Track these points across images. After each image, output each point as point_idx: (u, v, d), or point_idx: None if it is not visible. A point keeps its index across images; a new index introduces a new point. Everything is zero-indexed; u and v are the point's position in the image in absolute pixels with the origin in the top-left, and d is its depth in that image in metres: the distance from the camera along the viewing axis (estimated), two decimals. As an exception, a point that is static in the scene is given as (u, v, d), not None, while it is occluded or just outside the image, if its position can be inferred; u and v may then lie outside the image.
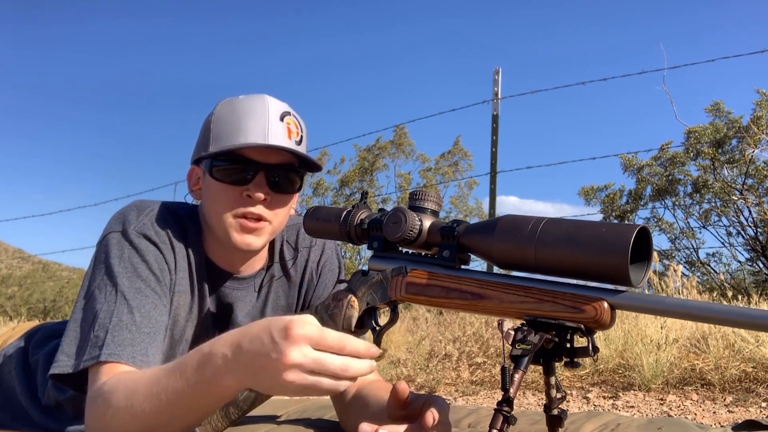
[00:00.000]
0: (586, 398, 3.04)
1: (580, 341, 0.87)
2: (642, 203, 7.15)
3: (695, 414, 2.65)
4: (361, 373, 0.87)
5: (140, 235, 1.22)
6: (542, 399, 2.96)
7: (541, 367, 0.89)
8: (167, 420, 0.98)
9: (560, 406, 0.91)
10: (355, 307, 1.09)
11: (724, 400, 2.81)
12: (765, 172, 6.11)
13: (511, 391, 0.81)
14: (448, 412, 1.01)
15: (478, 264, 4.30)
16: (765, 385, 2.89)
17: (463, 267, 1.00)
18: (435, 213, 1.04)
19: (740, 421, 1.44)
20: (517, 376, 0.82)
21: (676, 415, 2.67)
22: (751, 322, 0.76)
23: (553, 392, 0.90)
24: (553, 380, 0.90)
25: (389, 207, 1.30)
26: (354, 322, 1.09)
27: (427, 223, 1.02)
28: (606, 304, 0.83)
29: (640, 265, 0.85)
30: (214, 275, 1.32)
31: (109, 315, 1.14)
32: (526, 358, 0.83)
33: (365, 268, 1.10)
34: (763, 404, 2.70)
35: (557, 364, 0.89)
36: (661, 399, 2.91)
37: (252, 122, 1.23)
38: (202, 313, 1.32)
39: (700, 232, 6.86)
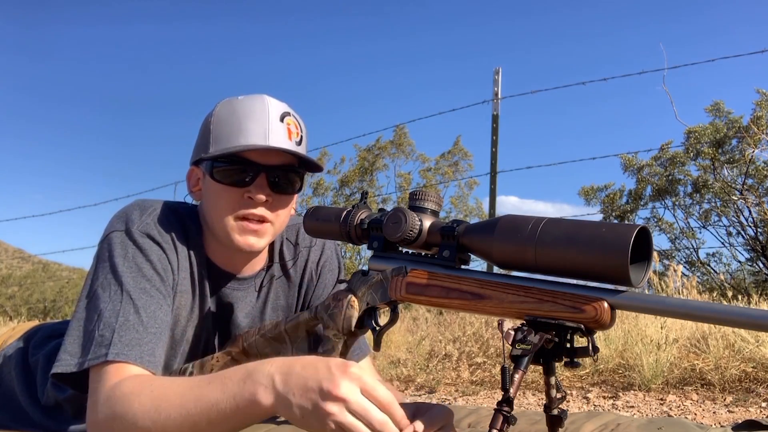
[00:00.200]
0: (586, 398, 3.04)
1: (580, 341, 0.87)
2: (642, 203, 7.15)
3: (695, 414, 2.65)
4: None
5: (144, 235, 1.22)
6: (542, 399, 2.96)
7: (541, 367, 0.89)
8: (189, 431, 0.97)
9: (560, 406, 0.91)
10: (355, 307, 1.09)
11: (724, 400, 2.81)
12: (765, 172, 6.11)
13: (511, 391, 0.81)
14: (452, 419, 1.00)
15: (478, 264, 4.30)
16: (765, 385, 2.90)
17: (463, 267, 1.01)
18: (435, 213, 1.04)
19: (740, 421, 1.44)
20: (517, 376, 0.82)
21: (676, 415, 2.67)
22: (751, 322, 0.76)
23: (553, 392, 0.90)
24: (553, 380, 0.90)
25: (389, 207, 1.31)
26: (354, 322, 1.09)
27: (427, 223, 1.02)
28: (606, 304, 0.84)
29: (640, 265, 0.85)
30: (214, 275, 1.33)
31: (115, 314, 1.13)
32: (526, 358, 0.83)
33: (365, 268, 1.10)
34: (763, 404, 2.70)
35: (557, 364, 0.89)
36: (661, 399, 2.92)
37: (252, 123, 1.23)
38: (203, 313, 1.32)
39: (700, 232, 6.87)
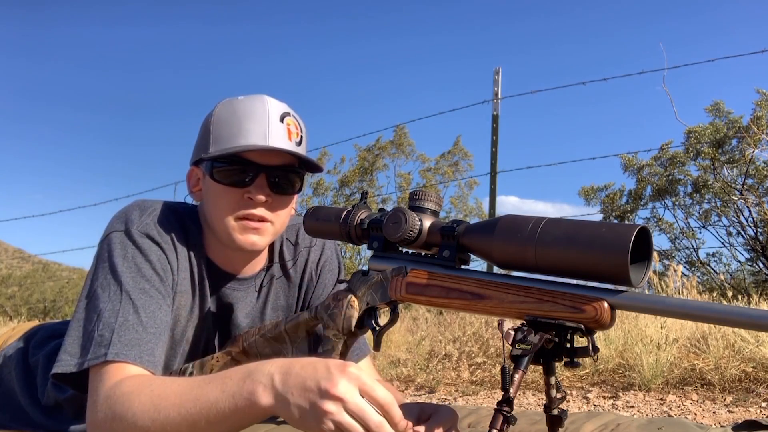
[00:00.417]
0: (586, 398, 3.04)
1: (580, 341, 0.87)
2: (642, 203, 7.15)
3: (695, 414, 2.65)
4: None
5: (143, 235, 1.22)
6: (542, 399, 2.96)
7: (541, 367, 0.89)
8: (188, 431, 0.98)
9: (560, 406, 0.91)
10: (355, 307, 1.09)
11: (724, 400, 2.81)
12: (765, 172, 6.11)
13: (511, 391, 0.81)
14: (456, 421, 1.01)
15: (478, 264, 4.30)
16: (765, 385, 2.90)
17: (463, 267, 1.01)
18: (435, 213, 1.04)
19: (740, 421, 1.44)
20: (517, 376, 0.82)
21: (676, 415, 2.67)
22: (751, 322, 0.76)
23: (553, 392, 0.90)
24: (553, 380, 0.90)
25: (389, 207, 1.31)
26: (354, 322, 1.09)
27: (427, 223, 1.02)
28: (606, 304, 0.84)
29: (640, 265, 0.85)
30: (214, 275, 1.33)
31: (115, 314, 1.14)
32: (526, 358, 0.83)
33: (365, 268, 1.10)
34: (763, 404, 2.70)
35: (557, 364, 0.89)
36: (661, 399, 2.91)
37: (252, 124, 1.23)
38: (202, 313, 1.32)
39: (700, 232, 6.87)
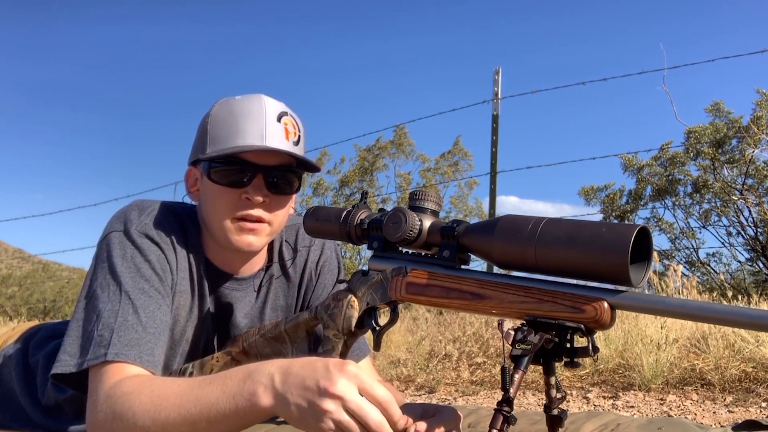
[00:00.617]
0: (586, 398, 3.04)
1: (580, 341, 0.87)
2: (642, 203, 7.15)
3: (695, 414, 2.65)
4: None
5: (142, 235, 1.22)
6: (542, 399, 2.96)
7: (541, 367, 0.89)
8: (189, 431, 0.97)
9: (560, 406, 0.91)
10: (355, 307, 1.09)
11: (724, 400, 2.81)
12: (765, 172, 6.11)
13: (511, 391, 0.81)
14: (459, 422, 1.01)
15: (478, 264, 4.29)
16: (765, 385, 2.89)
17: (463, 267, 1.01)
18: (435, 213, 1.04)
19: (740, 421, 1.44)
20: (517, 376, 0.82)
21: (676, 415, 2.67)
22: (751, 322, 0.76)
23: (553, 392, 0.90)
24: (553, 380, 0.90)
25: (389, 207, 1.31)
26: (354, 322, 1.09)
27: (427, 223, 1.02)
28: (606, 304, 0.84)
29: (640, 265, 0.85)
30: (213, 276, 1.32)
31: (114, 314, 1.13)
32: (526, 358, 0.83)
33: (365, 268, 1.10)
34: (763, 404, 2.70)
35: (557, 364, 0.89)
36: (661, 399, 2.91)
37: (249, 124, 1.23)
38: (202, 313, 1.32)
39: (700, 232, 6.87)
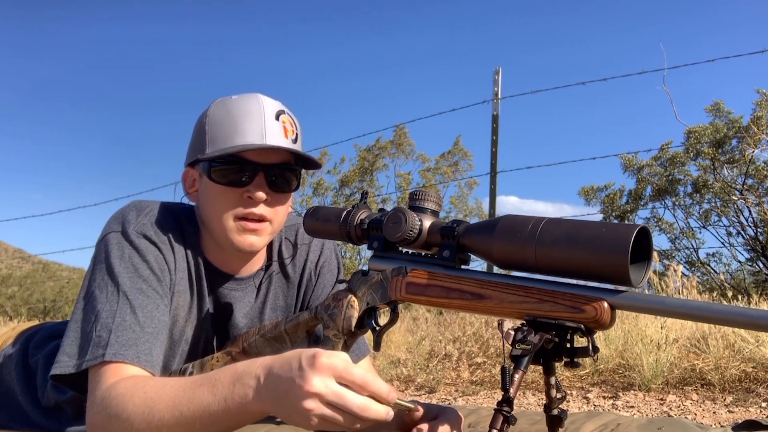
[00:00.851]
0: (586, 398, 3.04)
1: (580, 341, 0.87)
2: (642, 203, 7.14)
3: (695, 414, 2.65)
4: (379, 418, 0.87)
5: (140, 235, 1.22)
6: (542, 399, 2.96)
7: (541, 367, 0.89)
8: None
9: (560, 406, 0.91)
10: (355, 307, 1.09)
11: (724, 400, 2.81)
12: (765, 172, 6.10)
13: (511, 391, 0.81)
14: (460, 424, 1.01)
15: (478, 264, 4.29)
16: (765, 385, 2.89)
17: (463, 267, 1.01)
18: (435, 213, 1.04)
19: (740, 421, 1.44)
20: (517, 376, 0.82)
21: (676, 415, 2.67)
22: (751, 322, 0.76)
23: (553, 392, 0.90)
24: (553, 380, 0.90)
25: (389, 207, 1.31)
26: (354, 322, 1.09)
27: (427, 223, 1.02)
28: (606, 304, 0.84)
29: (640, 265, 0.85)
30: (212, 276, 1.32)
31: (112, 315, 1.13)
32: (526, 358, 0.83)
33: (365, 268, 1.10)
34: (763, 404, 2.70)
35: (557, 364, 0.89)
36: (661, 399, 2.91)
37: (248, 123, 1.23)
38: (201, 313, 1.32)
39: (700, 232, 6.86)
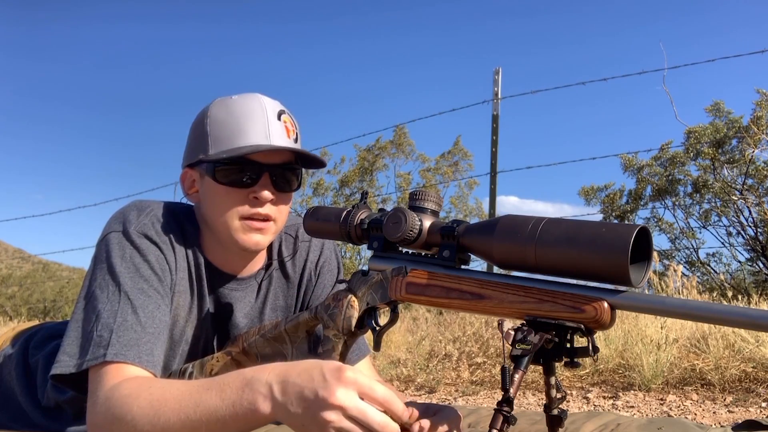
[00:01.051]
0: (586, 398, 3.04)
1: (580, 341, 0.87)
2: (642, 203, 7.14)
3: (695, 414, 2.65)
4: None
5: (141, 235, 1.22)
6: (542, 399, 2.96)
7: (541, 367, 0.89)
8: None
9: (560, 406, 0.91)
10: (355, 307, 1.09)
11: (724, 400, 2.81)
12: (765, 172, 6.10)
13: (511, 391, 0.81)
14: (459, 422, 1.01)
15: (478, 264, 4.29)
16: (765, 385, 2.89)
17: (463, 267, 1.01)
18: (435, 213, 1.04)
19: (740, 421, 1.44)
20: (517, 376, 0.82)
21: (676, 415, 2.67)
22: (751, 322, 0.76)
23: (553, 392, 0.90)
24: (553, 380, 0.90)
25: (389, 207, 1.31)
26: (354, 322, 1.09)
27: (427, 223, 1.02)
28: (606, 304, 0.84)
29: (640, 265, 0.85)
30: (212, 276, 1.32)
31: (113, 315, 1.13)
32: (526, 358, 0.83)
33: (365, 268, 1.10)
34: (763, 404, 2.70)
35: (557, 364, 0.89)
36: (661, 399, 2.91)
37: (252, 123, 1.23)
38: (201, 313, 1.32)
39: (700, 232, 6.86)
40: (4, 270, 14.40)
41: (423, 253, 1.05)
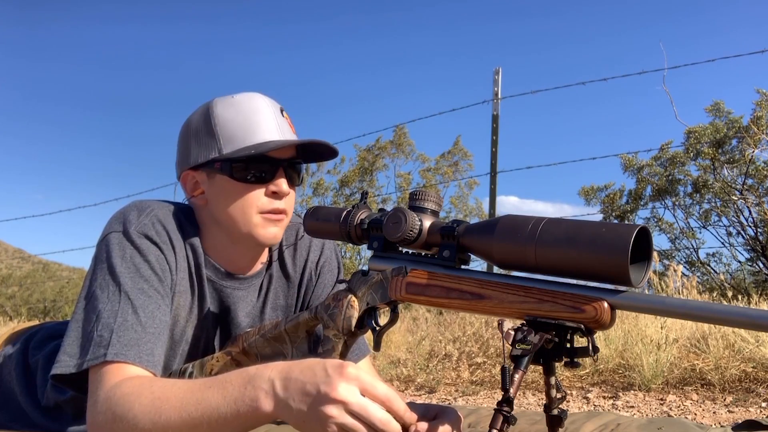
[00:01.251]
0: (586, 398, 3.04)
1: (580, 341, 0.87)
2: (642, 203, 7.14)
3: (695, 414, 2.65)
4: None
5: (141, 235, 1.22)
6: (542, 399, 2.96)
7: (541, 367, 0.89)
8: None
9: (560, 406, 0.91)
10: (355, 307, 1.09)
11: (724, 400, 2.81)
12: (765, 172, 6.10)
13: (511, 391, 0.81)
14: (459, 424, 1.01)
15: (478, 264, 4.29)
16: (765, 385, 2.89)
17: (463, 267, 1.01)
18: (435, 213, 1.04)
19: (740, 421, 1.44)
20: (517, 376, 0.82)
21: (676, 415, 2.67)
22: (751, 322, 0.76)
23: (553, 392, 0.90)
24: (553, 380, 0.90)
25: (389, 207, 1.31)
26: (354, 322, 1.09)
27: (427, 223, 1.02)
28: (606, 304, 0.84)
29: (640, 265, 0.85)
30: (213, 275, 1.33)
31: (114, 315, 1.13)
32: (526, 358, 0.83)
33: (365, 268, 1.10)
34: (763, 404, 2.70)
35: (557, 364, 0.89)
36: (661, 399, 2.92)
37: (263, 120, 1.26)
38: (202, 313, 1.32)
39: (700, 232, 6.85)
40: (4, 270, 14.40)
41: (423, 253, 1.05)
